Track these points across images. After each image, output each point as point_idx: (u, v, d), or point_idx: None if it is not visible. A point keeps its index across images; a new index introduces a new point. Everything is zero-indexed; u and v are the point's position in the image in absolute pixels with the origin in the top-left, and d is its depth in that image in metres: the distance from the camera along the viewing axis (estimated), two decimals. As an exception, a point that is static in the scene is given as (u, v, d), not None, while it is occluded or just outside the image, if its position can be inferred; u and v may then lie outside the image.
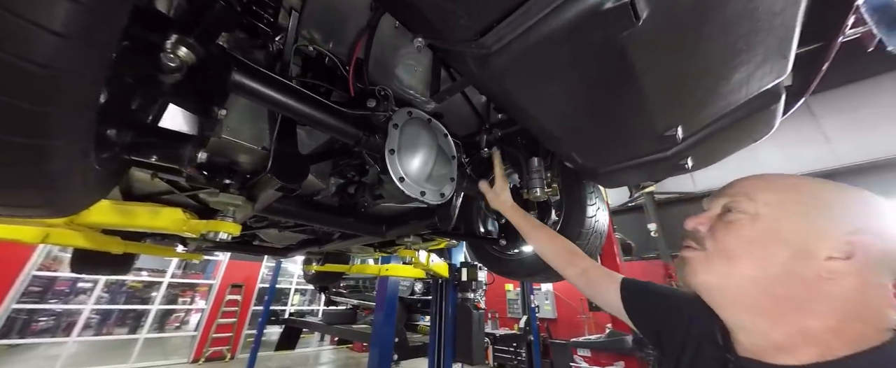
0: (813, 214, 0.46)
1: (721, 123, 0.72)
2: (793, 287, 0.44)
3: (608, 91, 0.56)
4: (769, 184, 0.50)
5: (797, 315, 0.44)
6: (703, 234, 0.52)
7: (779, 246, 0.46)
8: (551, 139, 0.79)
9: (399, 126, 0.94)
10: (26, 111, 0.30)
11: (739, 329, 0.50)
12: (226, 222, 1.01)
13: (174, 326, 10.24)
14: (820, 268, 0.43)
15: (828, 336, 0.43)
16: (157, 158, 0.55)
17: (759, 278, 0.46)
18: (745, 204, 0.49)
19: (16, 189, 0.35)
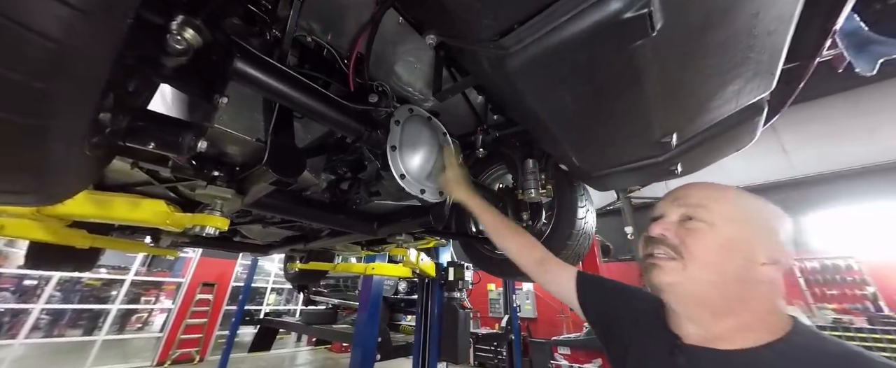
0: (754, 226, 0.55)
1: (711, 132, 0.77)
2: (739, 287, 0.53)
3: (615, 97, 0.59)
4: (720, 196, 0.58)
5: (739, 310, 0.53)
6: (672, 241, 0.57)
7: (733, 253, 0.53)
8: (553, 141, 0.81)
9: (401, 123, 0.94)
10: (35, 90, 0.27)
11: (689, 321, 0.57)
12: (213, 216, 0.96)
13: (136, 327, 9.59)
14: (757, 272, 0.52)
15: (756, 327, 0.52)
16: (154, 146, 0.52)
17: (716, 280, 0.54)
18: (703, 214, 0.56)
19: (14, 173, 0.32)
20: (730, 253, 0.53)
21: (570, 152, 0.84)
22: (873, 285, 4.79)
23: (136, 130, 0.49)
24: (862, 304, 4.77)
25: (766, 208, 0.57)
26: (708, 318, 0.55)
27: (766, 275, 0.52)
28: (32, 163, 0.32)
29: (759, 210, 0.57)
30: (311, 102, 0.73)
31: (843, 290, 4.96)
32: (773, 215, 0.57)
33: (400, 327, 5.43)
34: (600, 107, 0.62)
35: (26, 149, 0.31)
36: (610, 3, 0.42)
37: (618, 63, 0.50)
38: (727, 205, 0.56)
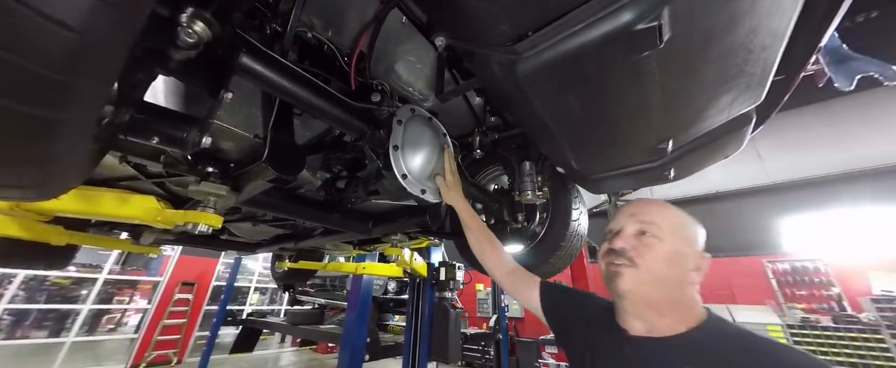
0: (688, 239, 0.68)
1: (703, 140, 0.80)
2: (676, 290, 0.65)
3: (618, 104, 0.61)
4: (668, 214, 0.70)
5: (674, 308, 0.65)
6: (630, 253, 0.67)
7: (676, 262, 0.65)
8: (554, 145, 0.83)
9: (403, 122, 0.94)
10: (54, 81, 0.26)
11: (636, 318, 0.68)
12: (207, 213, 0.93)
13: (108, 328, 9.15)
14: (688, 277, 0.65)
15: (683, 318, 0.64)
16: (158, 141, 0.50)
17: (661, 285, 0.65)
18: (655, 230, 0.67)
19: (21, 166, 0.30)
20: (673, 262, 0.65)
21: (569, 155, 0.86)
22: (838, 286, 5.09)
23: (139, 124, 0.47)
24: (828, 304, 5.06)
25: (693, 223, 0.70)
26: (653, 315, 0.66)
27: (693, 279, 0.66)
28: (40, 156, 0.31)
29: (689, 225, 0.69)
30: (316, 100, 0.72)
31: (811, 291, 5.25)
32: (697, 229, 0.70)
33: (388, 327, 5.39)
34: (603, 113, 0.64)
35: (37, 141, 0.29)
36: (622, 15, 0.43)
37: (624, 72, 0.52)
38: (672, 222, 0.68)
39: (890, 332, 4.26)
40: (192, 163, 0.88)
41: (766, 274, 5.66)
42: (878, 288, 4.74)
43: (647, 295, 0.65)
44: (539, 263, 1.47)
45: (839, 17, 0.59)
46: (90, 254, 9.06)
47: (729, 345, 0.59)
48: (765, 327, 5.03)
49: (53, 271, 6.38)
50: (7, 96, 0.26)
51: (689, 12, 0.44)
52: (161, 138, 0.50)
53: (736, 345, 0.58)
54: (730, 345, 0.59)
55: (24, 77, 0.26)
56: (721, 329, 0.62)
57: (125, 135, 0.47)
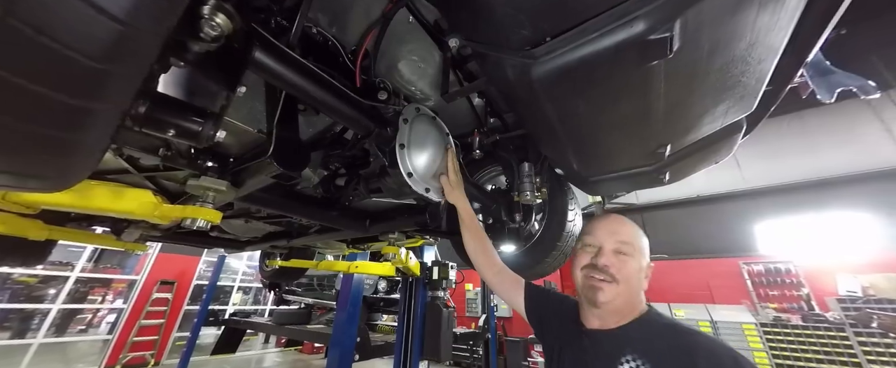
0: (646, 253, 0.80)
1: (698, 145, 0.84)
2: (636, 295, 0.78)
3: (624, 108, 0.63)
4: (636, 233, 0.82)
5: (628, 302, 0.77)
6: (612, 270, 0.76)
7: (640, 274, 0.77)
8: (557, 146, 0.85)
9: (408, 121, 0.94)
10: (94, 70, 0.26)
11: (596, 318, 0.79)
12: (206, 208, 0.91)
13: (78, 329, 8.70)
14: (643, 284, 0.78)
15: (630, 314, 0.77)
16: (174, 133, 0.49)
17: (630, 294, 0.77)
18: (630, 249, 0.78)
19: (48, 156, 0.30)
20: (639, 275, 0.77)
21: (571, 157, 0.89)
22: (807, 287, 5.38)
23: (155, 116, 0.46)
24: (798, 304, 5.34)
25: (645, 239, 0.83)
26: (613, 316, 0.77)
27: (645, 285, 0.79)
28: (68, 147, 0.30)
29: (645, 241, 0.82)
30: (328, 97, 0.72)
31: (782, 291, 5.53)
32: (647, 243, 0.82)
33: (377, 326, 5.35)
34: (610, 117, 0.66)
35: (68, 131, 0.29)
36: (636, 25, 0.46)
37: (633, 78, 0.55)
38: (640, 242, 0.80)
39: (853, 331, 4.54)
40: (193, 157, 0.86)
41: (742, 275, 5.92)
42: (843, 289, 5.05)
43: (620, 304, 0.77)
44: (535, 262, 1.50)
45: (826, 34, 0.64)
46: (60, 251, 8.60)
47: (661, 331, 0.72)
48: (741, 325, 5.27)
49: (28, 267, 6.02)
50: (49, 85, 0.26)
51: (699, 25, 0.46)
52: (177, 131, 0.49)
53: (667, 331, 0.72)
54: (662, 331, 0.72)
55: (67, 66, 0.25)
56: (656, 320, 0.76)
57: (141, 126, 0.46)
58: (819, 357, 4.66)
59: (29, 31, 0.23)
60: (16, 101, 0.25)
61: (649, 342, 0.71)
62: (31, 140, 0.28)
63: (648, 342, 0.71)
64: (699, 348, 0.65)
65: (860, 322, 4.40)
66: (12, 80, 0.24)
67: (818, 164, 6.04)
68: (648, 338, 0.72)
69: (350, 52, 0.98)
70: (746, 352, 5.06)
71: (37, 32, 0.23)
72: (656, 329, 0.73)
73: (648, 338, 0.72)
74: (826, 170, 5.96)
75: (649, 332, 0.73)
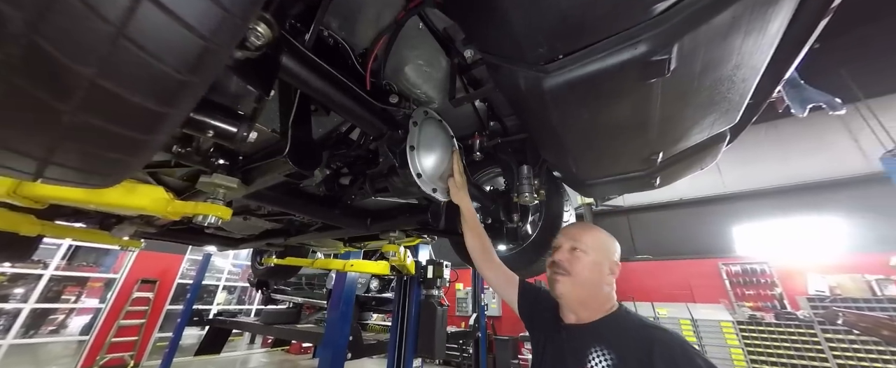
0: (606, 251, 0.91)
1: (686, 153, 0.92)
2: (596, 290, 0.88)
3: (624, 119, 0.70)
4: (593, 234, 0.93)
5: (596, 302, 0.88)
6: (565, 265, 0.89)
7: (596, 269, 0.88)
8: (559, 151, 0.91)
9: (418, 124, 0.98)
10: (177, 81, 0.30)
11: (570, 311, 0.90)
12: (217, 205, 0.93)
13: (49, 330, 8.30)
14: (605, 279, 0.88)
15: (599, 310, 0.87)
16: (213, 134, 0.51)
17: (587, 286, 0.88)
18: (583, 246, 0.90)
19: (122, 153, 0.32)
20: (594, 269, 0.88)
21: (571, 161, 0.95)
22: (780, 286, 5.68)
23: (198, 119, 0.49)
24: (771, 303, 5.63)
25: (611, 240, 0.94)
26: (579, 309, 0.89)
27: (609, 281, 0.89)
28: (138, 148, 0.33)
29: (607, 242, 0.93)
30: (345, 100, 0.76)
31: (758, 291, 5.82)
32: (614, 244, 0.93)
33: (368, 325, 5.34)
34: (610, 126, 0.72)
35: (145, 133, 0.32)
36: (639, 47, 0.51)
37: (633, 93, 0.61)
38: (594, 241, 0.91)
39: (821, 328, 4.82)
40: (207, 155, 0.88)
41: (721, 275, 6.20)
42: (813, 289, 5.35)
43: (577, 294, 0.88)
44: (530, 262, 1.56)
45: (801, 56, 0.71)
46: (32, 248, 8.15)
47: (627, 326, 0.81)
48: (719, 323, 5.51)
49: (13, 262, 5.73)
50: (144, 94, 0.29)
51: (693, 49, 0.53)
52: (215, 132, 0.52)
53: (631, 326, 0.81)
54: (627, 326, 0.81)
55: (160, 78, 0.29)
56: (624, 316, 0.85)
57: (184, 127, 0.49)
58: (790, 353, 4.93)
59: (134, 48, 0.26)
60: (113, 107, 0.28)
61: (616, 335, 0.80)
62: (114, 141, 0.30)
63: (615, 335, 0.80)
64: (655, 340, 0.74)
65: (827, 320, 4.67)
66: (115, 90, 0.27)
67: (791, 171, 6.40)
68: (615, 332, 0.81)
69: (358, 55, 1.01)
70: (724, 349, 5.31)
71: (140, 49, 0.27)
72: (622, 324, 0.82)
73: (615, 332, 0.81)
74: (799, 176, 6.32)
75: (616, 327, 0.82)
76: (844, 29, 4.43)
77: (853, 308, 4.68)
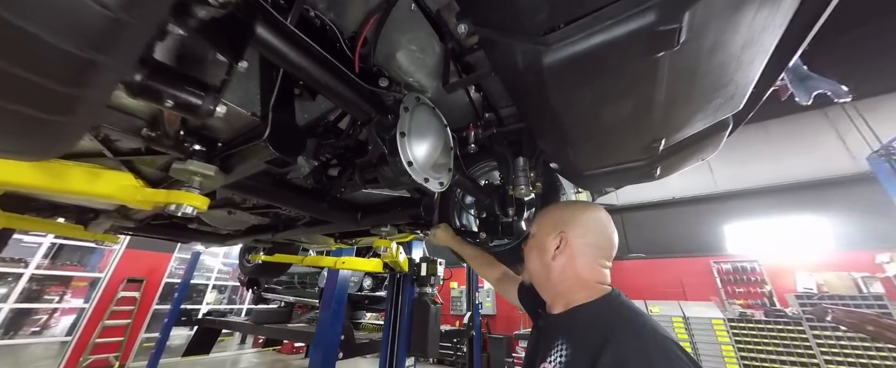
0: (546, 227, 0.83)
1: (688, 141, 0.88)
2: (545, 270, 0.81)
3: (627, 100, 0.65)
4: (544, 213, 0.88)
5: (551, 286, 0.81)
6: (524, 254, 0.88)
7: (536, 250, 0.83)
8: (557, 138, 0.87)
9: (410, 110, 0.93)
10: (109, 19, 0.24)
11: (547, 302, 0.84)
12: (192, 193, 0.86)
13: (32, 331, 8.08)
14: (550, 263, 0.79)
15: (567, 297, 0.77)
16: (173, 105, 0.45)
17: (536, 270, 0.84)
18: (534, 228, 0.86)
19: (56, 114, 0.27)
20: (538, 252, 0.82)
21: (569, 150, 0.91)
22: (770, 284, 5.76)
23: (152, 85, 0.43)
24: (761, 300, 5.71)
25: (562, 210, 0.85)
26: (551, 299, 0.82)
27: (557, 264, 0.78)
28: (67, 104, 0.28)
29: (555, 213, 0.85)
30: (329, 78, 0.70)
31: (748, 288, 5.89)
32: (565, 214, 0.84)
33: (361, 325, 5.27)
34: (613, 108, 0.68)
35: (71, 85, 0.26)
36: (647, 15, 0.47)
37: (640, 70, 0.57)
38: (541, 219, 0.86)
39: (809, 325, 4.90)
40: (180, 139, 0.81)
41: (712, 273, 6.27)
42: (801, 286, 5.44)
43: (536, 284, 0.85)
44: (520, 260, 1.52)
45: (808, 41, 0.68)
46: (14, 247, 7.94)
47: (596, 319, 0.70)
48: (710, 321, 5.57)
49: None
50: (62, 29, 0.23)
51: (704, 20, 0.48)
52: (175, 103, 0.46)
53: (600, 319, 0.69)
54: (596, 319, 0.70)
55: (82, 14, 0.23)
56: (600, 308, 0.73)
57: (136, 95, 0.43)
58: (779, 350, 5.00)
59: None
60: (20, 49, 0.23)
61: (580, 328, 0.70)
62: (28, 93, 0.25)
63: (579, 328, 0.70)
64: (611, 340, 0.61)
65: (816, 317, 4.73)
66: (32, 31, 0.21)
67: (781, 171, 6.50)
68: (581, 325, 0.71)
69: (347, 39, 0.96)
70: (715, 346, 5.37)
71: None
72: (590, 316, 0.71)
73: (581, 325, 0.71)
74: (788, 176, 6.42)
75: (583, 318, 0.72)
76: (837, 32, 4.50)
77: (840, 305, 4.77)
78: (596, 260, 0.77)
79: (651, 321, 0.66)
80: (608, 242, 0.79)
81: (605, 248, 0.79)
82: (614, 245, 0.79)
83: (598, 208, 0.83)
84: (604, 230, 0.80)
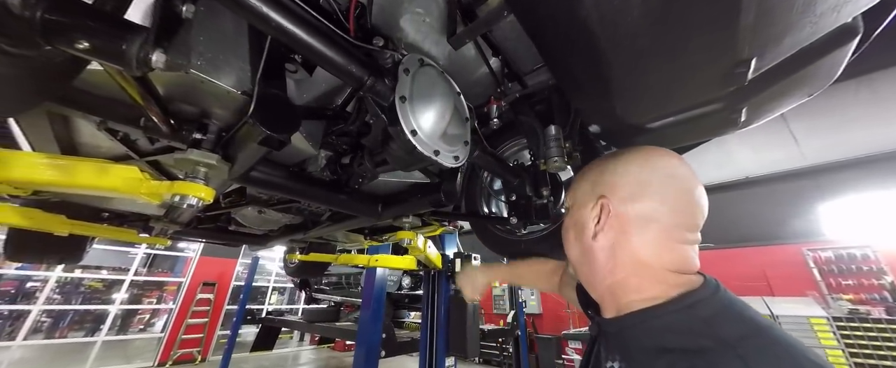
0: (583, 190, 0.58)
1: (790, 65, 0.63)
2: (586, 257, 0.55)
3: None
4: (576, 177, 0.63)
5: (597, 278, 0.54)
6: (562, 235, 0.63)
7: (573, 229, 0.58)
8: (596, 82, 0.67)
9: (411, 72, 0.81)
10: None
11: (601, 302, 0.57)
12: (196, 184, 0.83)
13: (138, 328, 9.61)
14: (588, 236, 0.53)
15: (620, 294, 0.50)
16: (87, 48, 0.38)
17: (574, 258, 0.59)
18: (569, 199, 0.62)
19: None
20: (575, 232, 0.57)
21: (615, 99, 0.71)
22: (890, 274, 4.64)
23: (55, 23, 0.35)
24: (879, 294, 4.62)
25: (601, 170, 0.56)
26: (601, 298, 0.56)
27: (601, 245, 0.52)
28: None
29: (592, 177, 0.57)
30: (307, 37, 0.60)
31: (859, 280, 4.82)
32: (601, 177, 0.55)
33: (404, 324, 5.31)
34: (678, 12, 0.48)
35: None
36: None
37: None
38: (577, 184, 0.60)
39: (956, 324, 3.84)
40: (176, 127, 0.78)
41: (806, 263, 5.24)
42: (939, 276, 4.30)
43: (580, 278, 0.60)
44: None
45: None
46: (120, 257, 9.48)
47: (662, 334, 0.42)
48: (807, 320, 4.66)
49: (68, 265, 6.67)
50: None
51: None
52: (91, 46, 0.38)
53: (674, 334, 0.41)
54: (663, 333, 0.42)
55: None
56: (670, 318, 0.43)
57: (43, 38, 0.36)
58: (911, 355, 4.00)
59: None
60: None
61: (642, 348, 0.43)
62: None
63: (641, 348, 0.44)
64: None
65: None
66: None
67: (894, 134, 5.20)
68: (645, 343, 0.44)
69: (343, 11, 0.87)
70: (817, 350, 4.45)
71: None
72: (664, 328, 0.43)
73: (645, 343, 0.44)
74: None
75: (643, 332, 0.44)
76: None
77: None
78: (669, 233, 0.47)
79: (784, 337, 0.37)
80: (688, 203, 0.49)
81: (685, 213, 0.48)
82: (701, 206, 0.49)
83: (660, 152, 0.53)
84: (677, 183, 0.49)
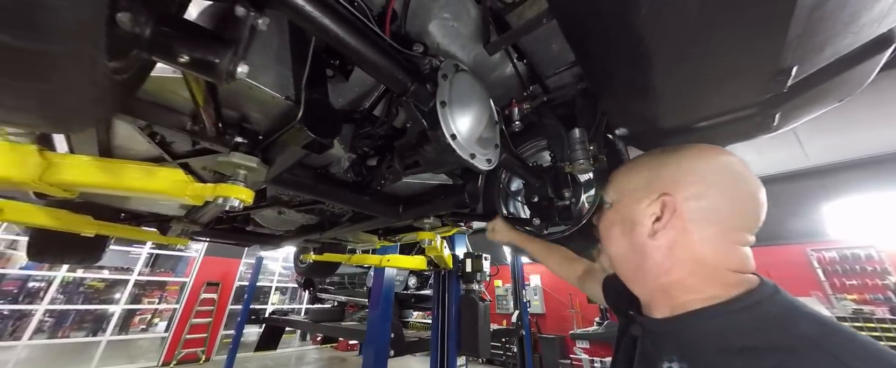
0: (635, 185, 0.57)
1: (826, 72, 0.65)
2: (638, 255, 0.54)
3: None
4: (621, 170, 0.62)
5: (648, 277, 0.53)
6: (600, 232, 0.62)
7: (620, 226, 0.57)
8: (635, 84, 0.69)
9: (449, 77, 0.83)
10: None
11: (645, 299, 0.57)
12: (237, 186, 0.85)
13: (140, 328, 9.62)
14: (644, 233, 0.52)
15: (677, 293, 0.49)
16: (187, 61, 0.40)
17: (619, 254, 0.58)
18: (610, 194, 0.61)
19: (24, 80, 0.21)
20: (622, 229, 0.56)
21: (653, 99, 0.72)
22: (895, 274, 4.67)
23: (162, 39, 0.38)
24: (883, 294, 4.65)
25: (660, 166, 0.56)
26: (635, 289, 0.57)
27: (660, 244, 0.51)
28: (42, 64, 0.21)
29: (649, 174, 0.56)
30: (358, 43, 0.62)
31: (863, 280, 4.84)
32: (663, 173, 0.54)
33: (409, 323, 5.33)
34: (732, 15, 0.50)
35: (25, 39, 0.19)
36: None
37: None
38: (625, 178, 0.60)
39: (961, 324, 3.87)
40: (220, 131, 0.80)
41: (810, 263, 5.27)
42: (943, 276, 4.33)
43: (618, 269, 0.60)
44: (589, 245, 1.33)
45: None
46: (122, 257, 9.50)
47: (734, 334, 0.41)
48: (812, 320, 4.68)
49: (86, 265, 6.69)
50: None
51: None
52: (191, 59, 0.40)
53: (746, 335, 0.40)
54: (734, 333, 0.41)
55: None
56: (737, 318, 0.42)
57: (148, 52, 0.38)
58: (917, 356, 4.01)
59: None
60: None
61: (712, 347, 0.42)
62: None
63: (711, 347, 0.42)
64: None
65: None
66: None
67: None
68: (713, 342, 0.42)
69: (376, 16, 0.89)
70: (821, 350, 4.48)
71: None
72: (734, 328, 0.42)
73: (713, 342, 0.42)
74: (913, 139, 5.15)
75: (721, 332, 0.42)
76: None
77: None
78: (728, 234, 0.48)
79: (861, 335, 0.37)
80: (750, 203, 0.49)
81: (748, 214, 0.49)
82: (763, 208, 0.50)
83: (721, 150, 0.53)
84: (740, 184, 0.50)
